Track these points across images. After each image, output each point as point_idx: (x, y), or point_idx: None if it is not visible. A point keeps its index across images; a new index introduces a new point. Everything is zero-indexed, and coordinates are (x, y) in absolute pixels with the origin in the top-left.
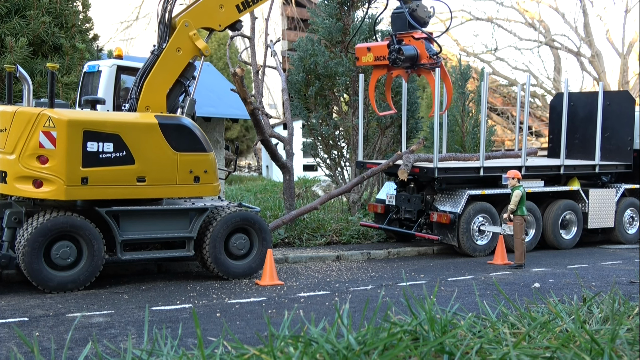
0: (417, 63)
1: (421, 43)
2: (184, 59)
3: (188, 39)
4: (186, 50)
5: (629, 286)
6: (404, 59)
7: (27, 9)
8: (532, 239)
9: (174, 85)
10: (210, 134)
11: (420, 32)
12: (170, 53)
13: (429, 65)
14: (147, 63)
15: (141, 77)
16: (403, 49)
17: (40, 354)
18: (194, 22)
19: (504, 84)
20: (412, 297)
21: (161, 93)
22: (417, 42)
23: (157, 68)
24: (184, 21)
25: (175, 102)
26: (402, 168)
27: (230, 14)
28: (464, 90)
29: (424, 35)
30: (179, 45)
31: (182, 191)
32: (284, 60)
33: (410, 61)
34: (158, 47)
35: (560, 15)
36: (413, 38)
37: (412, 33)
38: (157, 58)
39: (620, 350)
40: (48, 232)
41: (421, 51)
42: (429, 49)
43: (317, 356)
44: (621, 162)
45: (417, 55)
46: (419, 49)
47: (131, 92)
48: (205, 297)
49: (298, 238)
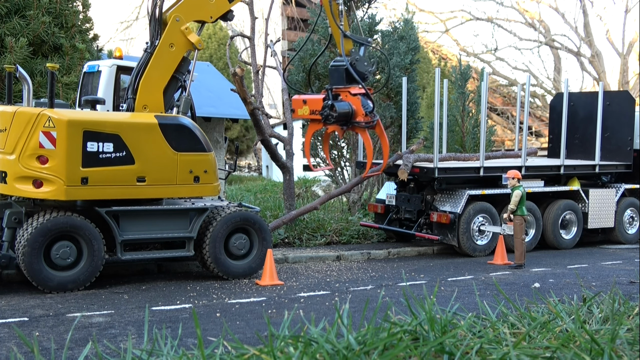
0: (352, 121)
1: (357, 99)
2: (178, 54)
3: (180, 34)
4: (179, 46)
5: (629, 286)
6: (337, 117)
7: (27, 9)
8: (532, 239)
9: (170, 81)
10: (210, 134)
11: (357, 88)
12: (163, 50)
13: (364, 124)
14: (141, 61)
15: (136, 76)
16: (336, 105)
17: (40, 354)
18: (184, 16)
19: (504, 84)
20: (412, 297)
21: (158, 91)
22: (353, 98)
23: (151, 66)
24: (174, 16)
25: (172, 99)
26: (402, 168)
27: (220, 5)
28: (464, 90)
29: (362, 90)
30: (171, 41)
31: (182, 191)
32: (284, 60)
33: (344, 118)
34: (151, 45)
35: (560, 15)
36: (350, 94)
37: (349, 88)
38: (151, 56)
39: (620, 350)
40: (48, 232)
41: (357, 108)
42: (366, 106)
43: (317, 356)
44: (621, 162)
45: (352, 113)
46: (354, 105)
47: (127, 91)
48: (205, 297)
49: (298, 238)
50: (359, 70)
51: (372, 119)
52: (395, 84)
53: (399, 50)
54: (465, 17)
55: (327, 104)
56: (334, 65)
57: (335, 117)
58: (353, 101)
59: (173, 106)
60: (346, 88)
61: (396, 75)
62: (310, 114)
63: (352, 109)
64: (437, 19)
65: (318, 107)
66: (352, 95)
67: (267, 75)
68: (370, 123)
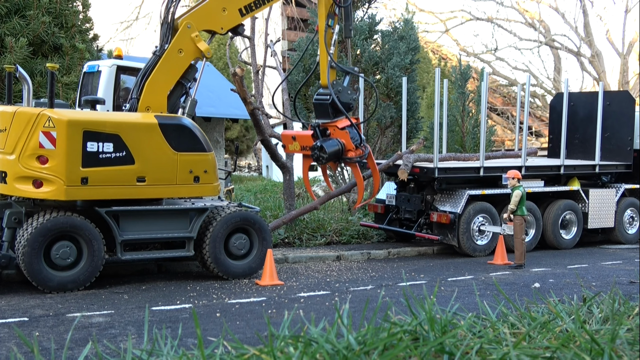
0: (343, 157)
1: (346, 133)
2: (186, 60)
3: (190, 41)
4: (188, 52)
5: (629, 286)
6: (327, 158)
7: (27, 9)
8: (532, 239)
9: (175, 86)
10: (210, 134)
11: (344, 120)
12: (172, 54)
13: (356, 159)
14: (148, 63)
15: (142, 77)
16: (325, 146)
17: (40, 354)
18: (196, 24)
19: (504, 84)
20: (412, 297)
21: (162, 94)
22: (341, 132)
23: (158, 69)
24: (186, 23)
25: (175, 104)
26: (402, 168)
27: (233, 17)
28: (464, 90)
29: (348, 122)
30: (180, 47)
31: (182, 191)
32: (284, 60)
33: (336, 157)
34: (160, 48)
35: (560, 15)
36: (337, 128)
37: (336, 122)
38: (159, 59)
39: (620, 350)
40: (48, 232)
41: (346, 142)
42: (355, 138)
43: (317, 356)
44: (621, 162)
45: (342, 149)
46: (343, 140)
47: (132, 92)
48: (205, 297)
49: (298, 238)
50: (343, 101)
51: (363, 151)
52: (395, 84)
53: (399, 50)
54: (465, 17)
55: (316, 145)
56: (318, 99)
57: (326, 159)
58: (341, 136)
59: (176, 110)
60: (333, 122)
61: (396, 75)
62: (301, 149)
63: (341, 146)
64: (437, 19)
65: (308, 142)
66: (339, 130)
67: (267, 75)
68: (362, 157)
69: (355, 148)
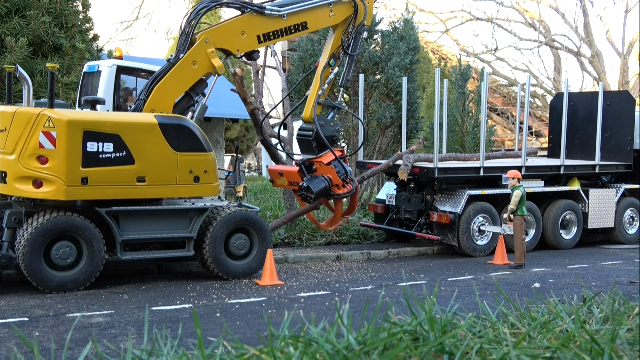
0: (331, 193)
1: (332, 169)
2: (198, 72)
3: (205, 55)
4: (201, 65)
5: (629, 286)
6: (315, 197)
7: (27, 9)
8: (532, 239)
9: (183, 97)
10: (210, 134)
11: (328, 155)
12: (185, 64)
13: (344, 194)
14: (161, 69)
15: (153, 81)
16: (312, 186)
17: (40, 354)
18: (214, 40)
19: (504, 84)
20: (412, 297)
21: (169, 99)
22: (327, 168)
23: (170, 75)
24: (204, 37)
25: (181, 114)
26: (402, 168)
27: (250, 42)
28: (464, 90)
29: (333, 157)
30: (195, 59)
31: (182, 191)
32: (284, 60)
33: (323, 194)
34: (175, 56)
35: (560, 15)
36: (322, 164)
37: (321, 158)
38: (172, 66)
39: (620, 350)
40: (48, 232)
41: (333, 178)
42: (341, 172)
43: (317, 356)
44: (621, 162)
45: (329, 186)
46: (329, 175)
47: (140, 93)
48: (205, 297)
49: (298, 238)
50: (327, 134)
51: (352, 186)
52: (395, 84)
53: (399, 50)
54: (465, 17)
55: (303, 185)
56: (301, 135)
57: (313, 198)
58: (327, 171)
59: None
60: (318, 158)
61: (396, 75)
62: (289, 184)
63: (328, 182)
64: (437, 19)
65: (295, 178)
66: (325, 166)
67: (267, 75)
68: (350, 193)
69: (342, 182)
